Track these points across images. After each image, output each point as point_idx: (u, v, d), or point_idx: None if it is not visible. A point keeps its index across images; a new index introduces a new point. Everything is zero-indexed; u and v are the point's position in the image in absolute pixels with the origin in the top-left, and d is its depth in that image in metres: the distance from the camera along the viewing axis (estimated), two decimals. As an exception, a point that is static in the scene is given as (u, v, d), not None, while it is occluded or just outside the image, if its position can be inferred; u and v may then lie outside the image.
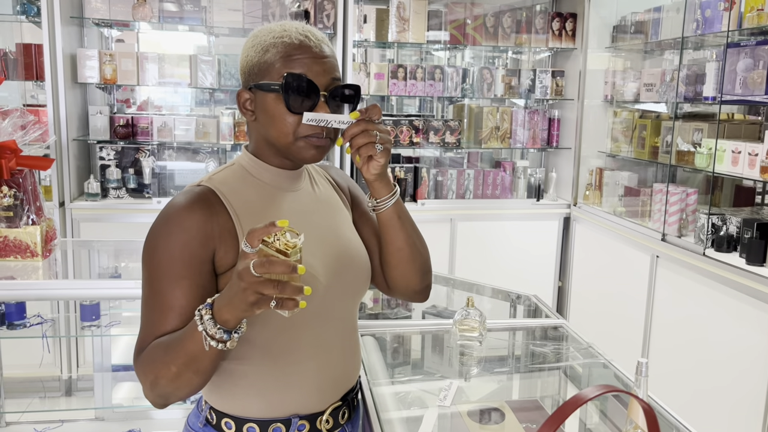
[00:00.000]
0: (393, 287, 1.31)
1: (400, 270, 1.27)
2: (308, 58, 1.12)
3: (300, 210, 1.21)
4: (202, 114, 3.93)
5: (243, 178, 1.19)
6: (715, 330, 2.77)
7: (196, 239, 1.08)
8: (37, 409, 3.17)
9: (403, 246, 1.25)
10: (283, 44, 1.12)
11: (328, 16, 3.67)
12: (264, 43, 1.14)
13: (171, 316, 1.07)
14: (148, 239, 1.11)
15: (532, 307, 2.19)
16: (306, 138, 1.13)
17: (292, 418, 1.17)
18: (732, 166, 2.81)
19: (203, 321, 0.98)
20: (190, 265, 1.07)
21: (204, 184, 1.15)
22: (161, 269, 1.08)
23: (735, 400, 2.64)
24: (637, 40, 3.68)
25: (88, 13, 3.51)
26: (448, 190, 3.95)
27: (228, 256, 1.10)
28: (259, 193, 1.18)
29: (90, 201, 3.50)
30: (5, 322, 2.42)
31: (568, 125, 4.09)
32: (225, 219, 1.12)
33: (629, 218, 3.51)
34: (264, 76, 1.13)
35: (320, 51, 1.13)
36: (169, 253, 1.07)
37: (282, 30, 1.14)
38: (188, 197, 1.12)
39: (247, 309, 0.93)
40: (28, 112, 2.28)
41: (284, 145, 1.15)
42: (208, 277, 1.10)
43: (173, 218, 1.10)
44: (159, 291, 1.08)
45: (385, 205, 1.21)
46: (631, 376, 1.58)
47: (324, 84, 1.12)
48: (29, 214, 2.18)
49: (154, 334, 1.08)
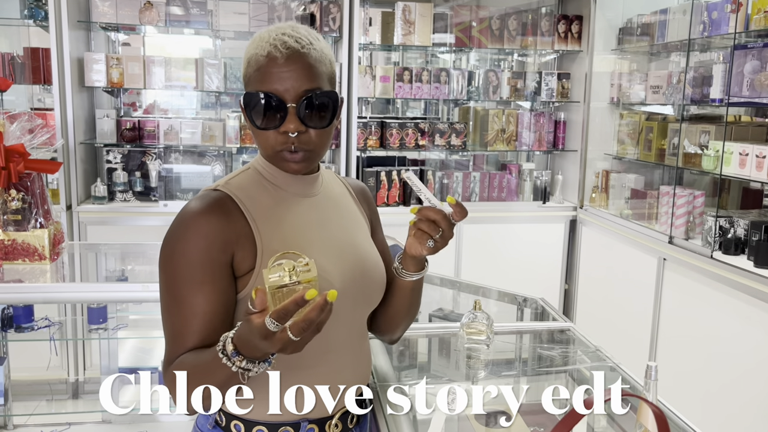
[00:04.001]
0: (374, 329, 1.38)
1: (388, 322, 1.34)
2: (276, 71, 1.10)
3: (317, 216, 1.21)
4: (208, 117, 3.94)
5: (259, 183, 1.19)
6: (723, 333, 2.76)
7: (216, 245, 1.08)
8: (44, 412, 3.17)
9: (403, 310, 1.31)
10: (254, 57, 1.12)
11: (334, 19, 3.68)
12: (247, 55, 1.15)
13: (196, 324, 1.07)
14: (166, 245, 1.11)
15: (539, 310, 2.18)
16: (280, 152, 1.14)
17: (302, 422, 1.17)
18: (739, 169, 2.79)
19: (234, 362, 0.95)
20: (210, 271, 1.07)
21: (221, 189, 1.15)
22: (181, 275, 1.07)
23: (743, 404, 2.62)
24: (644, 43, 3.67)
25: (95, 17, 3.52)
26: (454, 192, 3.95)
27: (246, 260, 1.11)
28: (275, 198, 1.18)
29: (97, 204, 3.51)
30: (13, 325, 2.43)
31: (574, 128, 4.09)
32: (242, 224, 1.12)
33: (636, 221, 3.49)
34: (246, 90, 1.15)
35: (287, 62, 1.09)
36: (188, 258, 1.07)
37: (260, 40, 1.13)
38: (205, 202, 1.11)
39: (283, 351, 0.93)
40: (36, 116, 2.28)
41: (268, 158, 1.17)
42: (228, 281, 1.10)
43: (191, 223, 1.09)
44: (181, 298, 1.08)
45: (409, 277, 1.24)
46: (639, 379, 1.57)
47: (293, 96, 1.10)
48: (37, 217, 2.19)
49: (183, 344, 1.07)
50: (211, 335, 1.07)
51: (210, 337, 1.08)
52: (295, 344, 0.91)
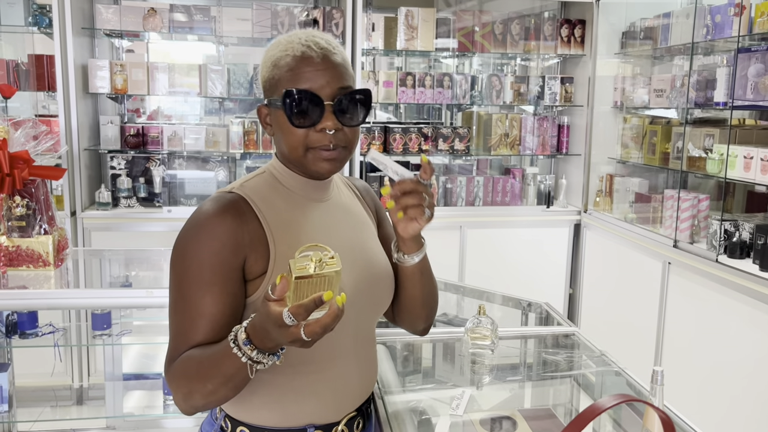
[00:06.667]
0: (399, 322, 1.37)
1: (409, 312, 1.32)
2: (311, 70, 1.11)
3: (329, 222, 1.22)
4: (211, 123, 3.95)
5: (273, 187, 1.19)
6: (728, 337, 2.74)
7: (228, 247, 1.08)
8: (48, 418, 3.18)
9: (418, 295, 1.28)
10: (286, 58, 1.13)
11: (337, 24, 3.69)
12: (273, 58, 1.15)
13: (201, 324, 1.07)
14: (178, 245, 1.11)
15: (544, 315, 2.18)
16: (315, 150, 1.13)
17: (308, 427, 1.17)
18: (744, 172, 2.79)
19: (245, 351, 0.97)
20: (220, 273, 1.07)
21: (235, 192, 1.15)
22: (191, 276, 1.08)
23: (749, 408, 2.61)
24: (647, 46, 3.67)
25: (99, 24, 3.54)
26: (458, 197, 3.95)
27: (258, 264, 1.11)
28: (289, 202, 1.18)
29: (101, 210, 3.52)
30: (17, 331, 2.43)
31: (578, 132, 4.08)
32: (256, 227, 1.12)
33: (640, 225, 3.48)
34: (274, 92, 1.14)
35: (323, 60, 1.12)
36: (200, 259, 1.07)
37: (287, 43, 1.14)
38: (220, 204, 1.11)
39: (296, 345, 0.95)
40: (40, 123, 2.30)
41: (297, 159, 1.15)
42: (238, 284, 1.10)
43: (204, 225, 1.09)
44: (189, 298, 1.08)
45: (412, 261, 1.22)
46: (645, 384, 1.56)
47: (329, 94, 1.12)
48: (41, 223, 2.19)
49: (187, 343, 1.08)
50: (215, 337, 1.07)
51: (214, 339, 1.08)
52: (305, 342, 0.93)
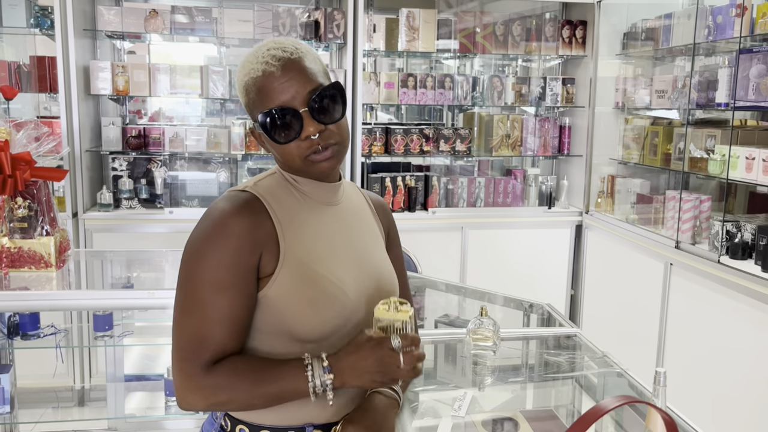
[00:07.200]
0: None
1: None
2: (276, 85, 1.11)
3: (338, 225, 1.22)
4: (213, 124, 3.95)
5: (285, 188, 1.19)
6: (730, 338, 2.74)
7: (246, 246, 1.08)
8: (50, 420, 3.18)
9: None
10: (251, 81, 1.13)
11: (338, 26, 3.69)
12: (241, 84, 1.16)
13: (219, 327, 1.06)
14: (192, 244, 1.10)
15: (545, 316, 2.17)
16: (308, 157, 1.14)
17: (307, 426, 1.17)
18: (746, 173, 2.78)
19: (323, 382, 1.07)
20: (238, 273, 1.07)
21: (249, 190, 1.15)
22: (208, 276, 1.06)
23: (752, 409, 2.60)
24: (648, 47, 3.67)
25: (100, 25, 3.54)
26: (459, 198, 3.95)
27: (270, 263, 1.11)
28: (301, 204, 1.19)
29: (103, 211, 3.52)
30: (19, 333, 2.43)
31: (579, 133, 4.08)
32: (269, 226, 1.12)
33: (642, 226, 3.48)
34: (253, 116, 1.15)
35: (284, 71, 1.11)
36: (218, 259, 1.06)
37: (249, 64, 1.15)
38: (236, 202, 1.11)
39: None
40: (42, 124, 2.30)
41: (297, 168, 1.17)
42: (253, 285, 1.10)
43: (221, 223, 1.08)
44: (204, 299, 1.07)
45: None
46: (647, 385, 1.56)
47: (302, 101, 1.11)
48: (43, 225, 2.19)
49: (207, 348, 1.06)
50: (233, 340, 1.08)
51: (231, 342, 1.08)
52: (410, 372, 1.11)
